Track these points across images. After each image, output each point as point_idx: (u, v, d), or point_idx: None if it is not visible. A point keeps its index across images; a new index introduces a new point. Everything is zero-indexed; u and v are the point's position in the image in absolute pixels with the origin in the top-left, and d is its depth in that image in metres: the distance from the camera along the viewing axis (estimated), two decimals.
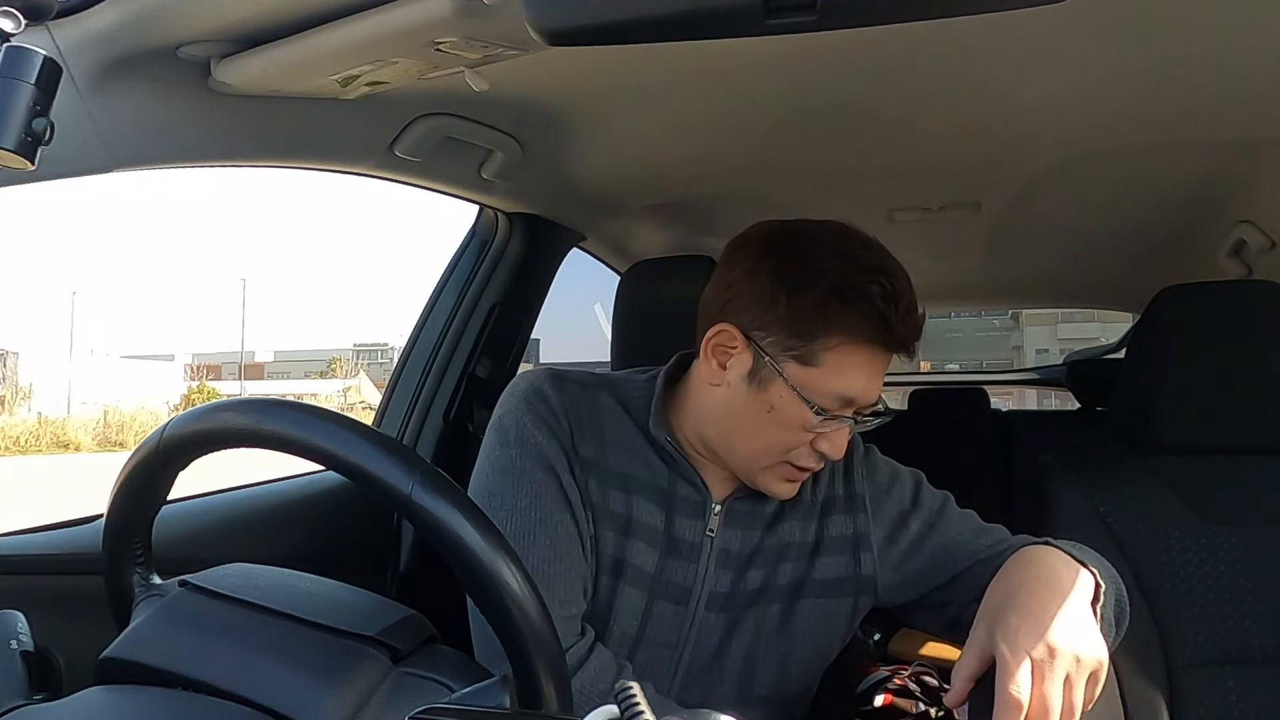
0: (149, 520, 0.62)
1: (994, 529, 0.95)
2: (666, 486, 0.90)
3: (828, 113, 1.22)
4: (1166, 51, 1.00)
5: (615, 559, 0.87)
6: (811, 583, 0.91)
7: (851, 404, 0.83)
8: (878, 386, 0.84)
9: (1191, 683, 1.04)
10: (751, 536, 0.91)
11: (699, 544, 0.89)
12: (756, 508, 0.91)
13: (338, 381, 35.05)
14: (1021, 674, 0.67)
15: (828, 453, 0.84)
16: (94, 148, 0.83)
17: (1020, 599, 0.73)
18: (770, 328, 0.82)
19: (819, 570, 0.91)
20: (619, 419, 0.92)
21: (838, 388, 0.81)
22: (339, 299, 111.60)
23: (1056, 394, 5.14)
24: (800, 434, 0.83)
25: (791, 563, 0.91)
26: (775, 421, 0.83)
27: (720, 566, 0.89)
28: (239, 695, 0.50)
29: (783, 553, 0.91)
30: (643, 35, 0.54)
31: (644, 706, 0.42)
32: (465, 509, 0.52)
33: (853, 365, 0.81)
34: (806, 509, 0.93)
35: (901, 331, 0.82)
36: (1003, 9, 0.51)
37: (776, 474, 0.86)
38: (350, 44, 0.82)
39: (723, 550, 0.90)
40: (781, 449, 0.84)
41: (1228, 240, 1.64)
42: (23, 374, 27.27)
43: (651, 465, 0.90)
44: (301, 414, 0.54)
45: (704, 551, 0.89)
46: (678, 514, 0.90)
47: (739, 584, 0.90)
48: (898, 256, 0.85)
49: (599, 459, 0.89)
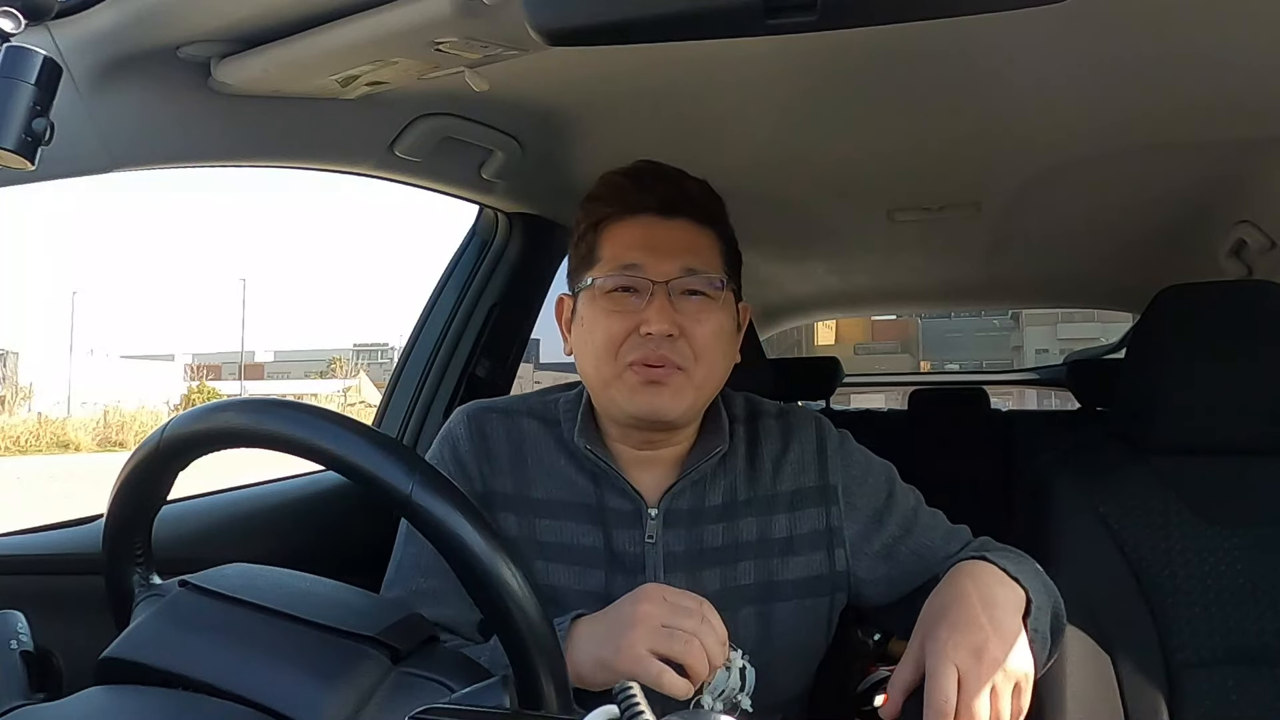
0: (149, 520, 0.62)
1: (959, 532, 0.94)
2: (596, 503, 0.88)
3: (828, 113, 1.22)
4: (1167, 51, 1.00)
5: (554, 588, 0.86)
6: (785, 584, 0.89)
7: (634, 268, 0.84)
8: (662, 251, 0.84)
9: (1191, 683, 1.04)
10: (699, 536, 0.88)
11: (640, 554, 0.87)
12: (698, 505, 0.89)
13: (338, 381, 35.02)
14: (948, 684, 0.70)
15: (650, 329, 0.82)
16: (94, 148, 0.83)
17: (952, 612, 0.75)
18: (574, 269, 0.90)
19: (791, 570, 0.89)
20: (542, 443, 0.91)
21: (615, 263, 0.85)
22: (339, 299, 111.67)
23: (1056, 394, 5.14)
24: (611, 320, 0.84)
25: (753, 561, 0.89)
26: (590, 327, 0.86)
27: (669, 572, 0.87)
28: (239, 695, 0.50)
29: (739, 551, 0.89)
30: (643, 35, 0.54)
31: (644, 706, 0.42)
32: (465, 509, 0.52)
33: (620, 240, 0.86)
34: (765, 503, 0.90)
35: (647, 194, 0.86)
36: (1003, 9, 0.51)
37: (625, 382, 0.84)
38: (350, 44, 0.82)
39: (668, 555, 0.87)
40: (608, 346, 0.84)
41: (1228, 240, 1.64)
42: (23, 374, 27.26)
43: (577, 484, 0.89)
44: (301, 414, 0.54)
45: (647, 561, 0.87)
46: (614, 528, 0.88)
47: (695, 585, 0.86)
48: (898, 256, 0.86)
49: (519, 491, 0.89)
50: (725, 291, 0.87)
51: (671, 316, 0.82)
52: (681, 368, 0.83)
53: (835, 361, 2.84)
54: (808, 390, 2.83)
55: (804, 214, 1.65)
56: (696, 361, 0.84)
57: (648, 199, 0.86)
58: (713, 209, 0.89)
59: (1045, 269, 2.21)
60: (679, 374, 0.83)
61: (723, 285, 0.86)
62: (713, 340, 0.85)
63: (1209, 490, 1.09)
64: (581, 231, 0.90)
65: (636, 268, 0.84)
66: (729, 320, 0.88)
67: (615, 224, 0.87)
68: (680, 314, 0.83)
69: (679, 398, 0.84)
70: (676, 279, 0.84)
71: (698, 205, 0.87)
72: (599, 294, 0.85)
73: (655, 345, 0.82)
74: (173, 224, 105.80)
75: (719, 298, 0.86)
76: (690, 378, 0.84)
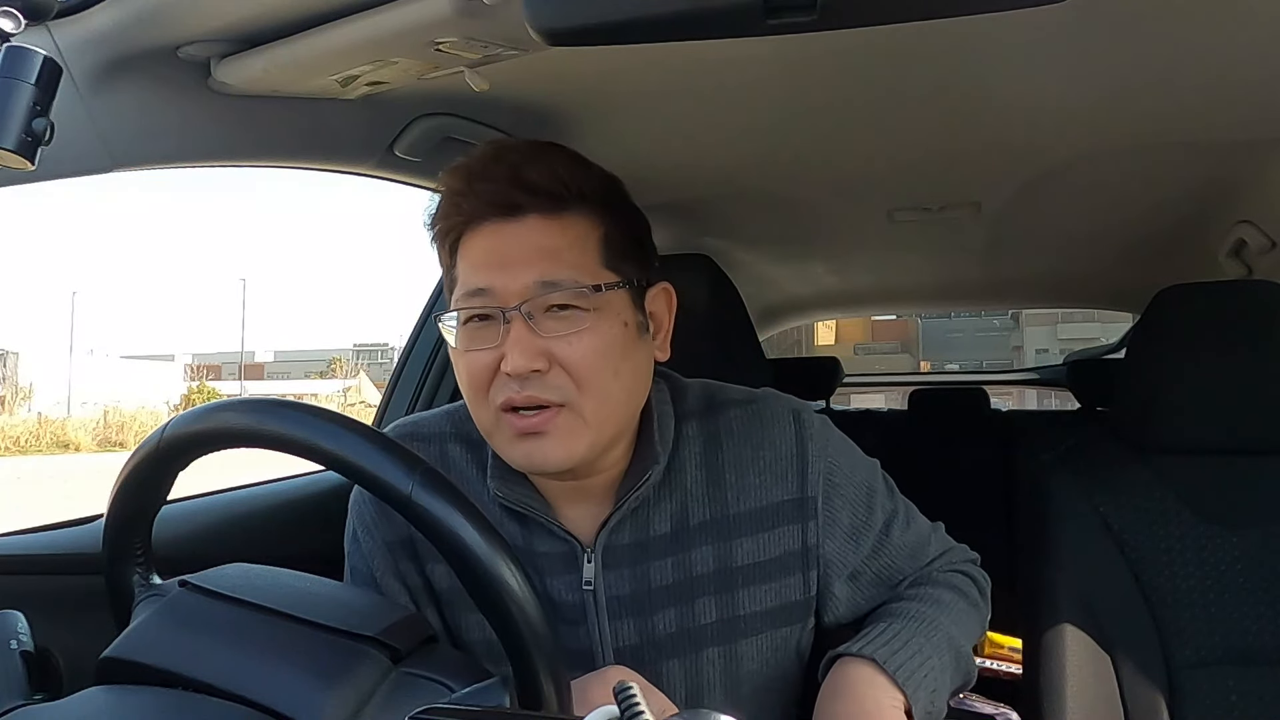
0: (149, 520, 0.62)
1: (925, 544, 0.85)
2: (525, 547, 0.76)
3: (828, 113, 1.22)
4: (1167, 51, 1.00)
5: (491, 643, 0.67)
6: (751, 617, 0.77)
7: (483, 294, 0.70)
8: (510, 266, 0.69)
9: (1191, 683, 1.04)
10: (645, 574, 0.76)
11: (579, 602, 0.76)
12: (644, 539, 0.76)
13: (338, 381, 35.03)
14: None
15: (507, 367, 0.68)
16: (94, 148, 0.83)
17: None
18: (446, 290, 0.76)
19: (759, 600, 0.77)
20: (468, 474, 0.78)
21: (464, 288, 0.71)
22: (339, 299, 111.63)
23: (1056, 394, 5.14)
24: (471, 359, 0.71)
25: (713, 597, 0.77)
26: (457, 368, 0.73)
27: (615, 619, 0.76)
28: (239, 695, 0.50)
29: (695, 586, 0.77)
30: (642, 35, 0.54)
31: (644, 706, 0.42)
32: (465, 509, 0.52)
33: (468, 259, 0.72)
34: (725, 526, 0.77)
35: (483, 196, 0.70)
36: (1003, 9, 0.51)
37: (503, 432, 0.71)
38: (350, 44, 0.82)
39: (611, 599, 0.76)
40: (474, 390, 0.71)
41: (1228, 240, 1.64)
42: (23, 374, 27.26)
43: (504, 528, 0.76)
44: (301, 414, 0.54)
45: (589, 608, 0.76)
46: (548, 575, 0.76)
47: (648, 632, 0.76)
48: (898, 256, 0.85)
49: None
50: (607, 294, 0.71)
51: (532, 346, 0.68)
52: (562, 403, 0.69)
53: (835, 361, 2.83)
54: (808, 390, 2.83)
55: (804, 214, 1.65)
56: (580, 392, 0.69)
57: (480, 203, 0.70)
58: (572, 189, 0.71)
59: (1045, 269, 2.21)
60: (561, 413, 0.69)
61: (598, 289, 0.70)
62: (595, 360, 0.69)
63: (1209, 490, 1.09)
64: (439, 253, 0.77)
65: (484, 293, 0.69)
66: (615, 329, 0.71)
67: (463, 236, 0.72)
68: (546, 337, 0.69)
69: (569, 442, 0.70)
70: (530, 300, 0.68)
71: (546, 193, 0.70)
72: (456, 329, 0.72)
73: (520, 385, 0.68)
74: (173, 224, 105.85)
75: (595, 304, 0.70)
76: (578, 413, 0.69)
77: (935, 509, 0.95)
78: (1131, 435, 1.15)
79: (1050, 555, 1.10)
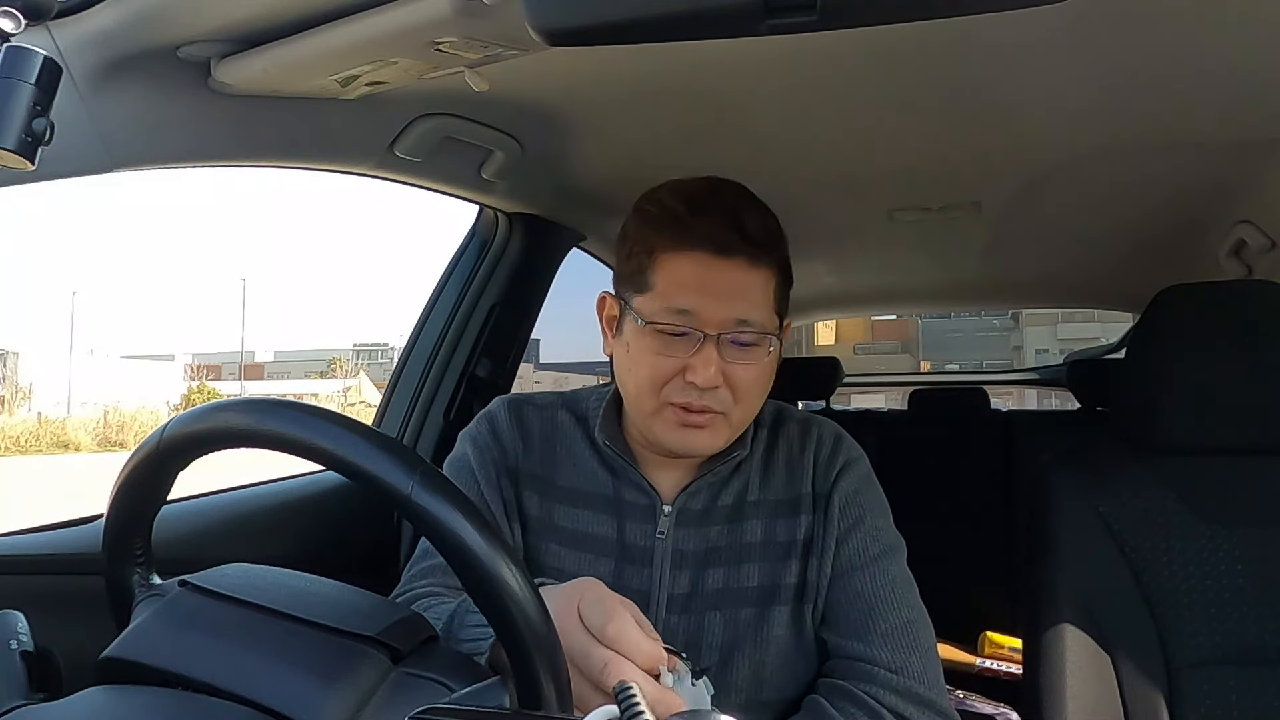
0: (149, 520, 0.62)
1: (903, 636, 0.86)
2: (613, 495, 0.91)
3: (828, 113, 1.22)
4: (1167, 52, 1.00)
5: (562, 572, 0.87)
6: (785, 588, 0.89)
7: (686, 315, 0.82)
8: (715, 297, 0.82)
9: (1191, 683, 1.04)
10: (707, 535, 0.90)
11: (650, 548, 0.89)
12: (711, 506, 0.91)
13: (338, 381, 35.04)
14: None
15: (695, 381, 0.81)
16: (94, 148, 0.83)
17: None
18: (623, 277, 0.87)
19: (792, 574, 0.89)
20: (573, 436, 0.94)
21: (666, 302, 0.82)
22: (339, 299, 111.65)
23: (1056, 394, 5.14)
24: (657, 361, 0.83)
25: (757, 564, 0.89)
26: (635, 359, 0.85)
27: (676, 568, 0.88)
28: (239, 695, 0.50)
29: (744, 553, 0.89)
30: (642, 35, 0.54)
31: (644, 706, 0.42)
32: (465, 509, 0.52)
33: (672, 276, 0.83)
34: (772, 507, 0.91)
35: (701, 230, 0.81)
36: (1003, 9, 0.51)
37: (665, 419, 0.85)
38: (350, 44, 0.82)
39: (677, 551, 0.89)
40: (651, 385, 0.84)
41: (1228, 240, 1.64)
42: (23, 374, 27.26)
43: (598, 477, 0.91)
44: (301, 414, 0.54)
45: (656, 554, 0.89)
46: (628, 520, 0.90)
47: (698, 585, 0.88)
48: (898, 256, 0.86)
49: (546, 475, 0.92)
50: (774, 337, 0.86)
51: (719, 367, 0.82)
52: (723, 412, 0.84)
53: (835, 361, 2.83)
54: (808, 390, 2.83)
55: (804, 214, 1.65)
56: (736, 404, 0.85)
57: (701, 236, 0.82)
58: (769, 244, 0.85)
59: (1045, 269, 2.21)
60: (719, 418, 0.84)
61: (774, 334, 0.85)
62: (755, 386, 0.85)
63: (1209, 490, 1.09)
64: (631, 248, 0.87)
65: (688, 315, 0.82)
66: (771, 362, 0.87)
67: (667, 255, 0.83)
68: (727, 361, 0.83)
69: (716, 437, 0.86)
70: (728, 332, 0.82)
71: (753, 243, 0.83)
72: (647, 330, 0.84)
73: (698, 395, 0.83)
74: (173, 224, 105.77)
75: (767, 343, 0.85)
76: (729, 419, 0.85)
77: (935, 509, 0.95)
78: (1131, 435, 1.15)
79: (1050, 555, 1.10)
